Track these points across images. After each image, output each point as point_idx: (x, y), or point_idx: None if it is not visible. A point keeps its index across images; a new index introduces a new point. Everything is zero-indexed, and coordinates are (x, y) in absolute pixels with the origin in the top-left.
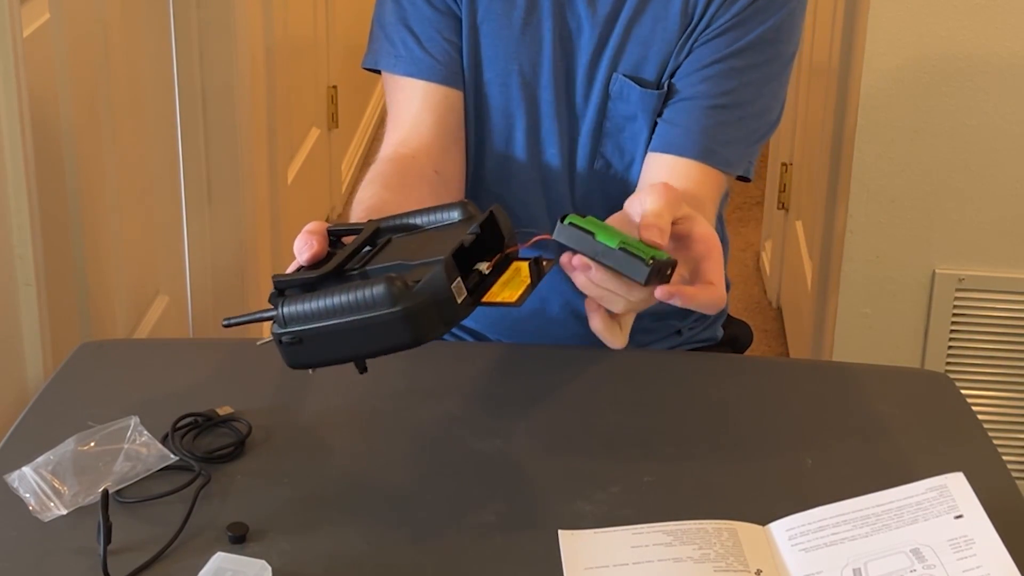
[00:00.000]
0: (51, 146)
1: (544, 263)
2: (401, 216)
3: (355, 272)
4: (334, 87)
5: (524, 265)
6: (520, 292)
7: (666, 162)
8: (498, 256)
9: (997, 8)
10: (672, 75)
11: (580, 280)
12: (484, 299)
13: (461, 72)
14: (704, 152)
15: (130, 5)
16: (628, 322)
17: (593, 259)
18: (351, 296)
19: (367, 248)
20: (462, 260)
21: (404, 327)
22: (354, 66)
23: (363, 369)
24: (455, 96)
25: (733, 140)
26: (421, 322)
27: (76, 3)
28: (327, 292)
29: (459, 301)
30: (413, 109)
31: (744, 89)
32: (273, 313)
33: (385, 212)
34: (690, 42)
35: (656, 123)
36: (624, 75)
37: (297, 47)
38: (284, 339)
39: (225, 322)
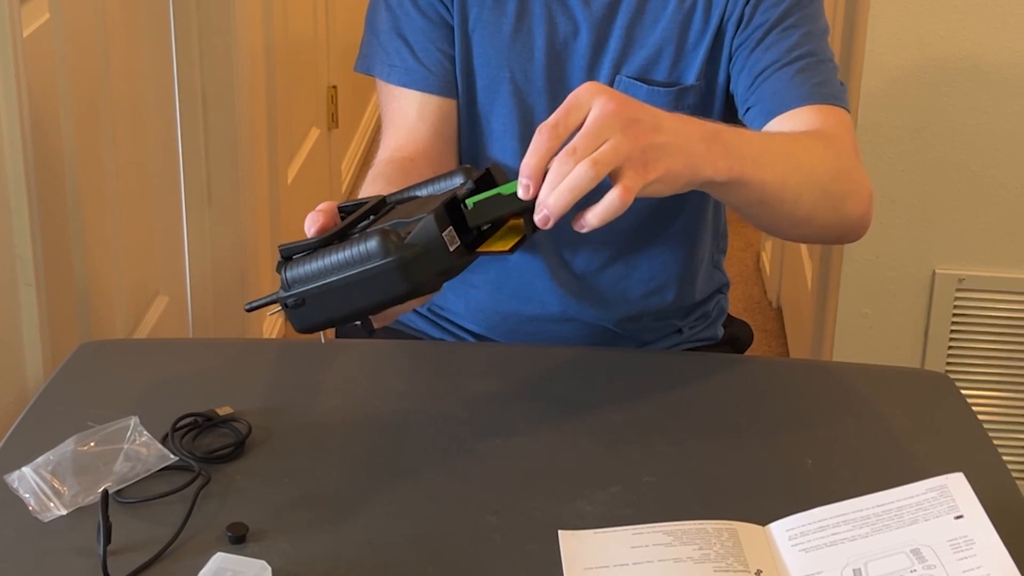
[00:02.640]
0: (51, 146)
1: None
2: (407, 189)
3: (356, 235)
4: (334, 87)
5: (521, 221)
6: (514, 242)
7: (776, 124)
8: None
9: (997, 8)
10: (701, 73)
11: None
12: (479, 249)
13: (455, 81)
14: (809, 95)
15: (130, 5)
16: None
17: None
18: (347, 252)
19: (371, 217)
20: (458, 215)
21: (399, 277)
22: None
23: (370, 331)
24: (449, 105)
25: (823, 80)
26: (415, 271)
27: (76, 3)
28: (325, 252)
29: (451, 249)
30: (408, 118)
31: (807, 40)
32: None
33: None
34: (706, 37)
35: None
36: (628, 76)
37: (297, 47)
38: (288, 302)
39: (248, 306)
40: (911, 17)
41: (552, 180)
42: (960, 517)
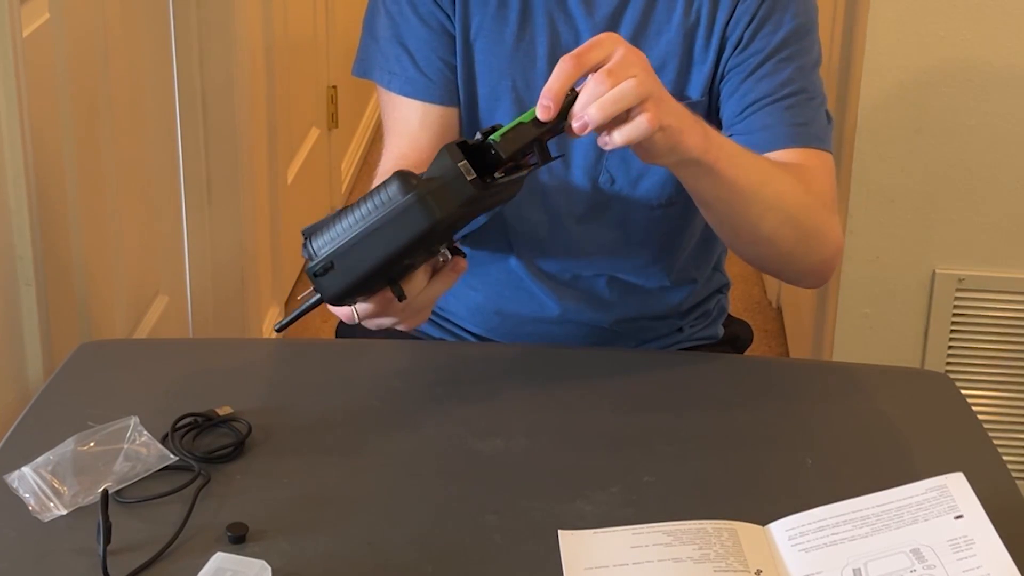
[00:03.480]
0: (51, 146)
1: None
2: None
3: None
4: (334, 87)
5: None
6: (528, 169)
7: None
8: (509, 163)
9: (997, 8)
10: (706, 89)
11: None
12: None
13: (456, 89)
14: (793, 137)
15: (130, 5)
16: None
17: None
18: (368, 203)
19: None
20: (470, 157)
21: (422, 211)
22: None
23: (401, 296)
24: (451, 113)
25: (810, 120)
26: (436, 203)
27: (76, 3)
28: (347, 211)
29: (468, 179)
30: (410, 127)
31: (799, 76)
32: (315, 297)
33: None
34: (710, 53)
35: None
36: None
37: (297, 47)
38: (317, 271)
39: (278, 326)
40: (911, 17)
41: (588, 97)
42: (960, 517)
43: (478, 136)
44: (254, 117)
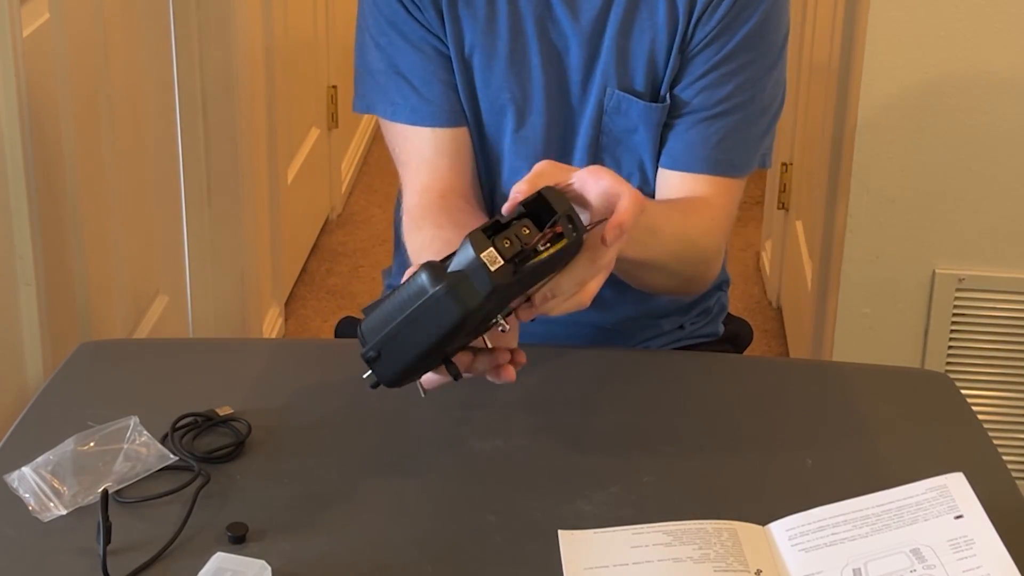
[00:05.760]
0: (51, 146)
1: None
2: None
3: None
4: (334, 87)
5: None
6: (557, 247)
7: (677, 179)
8: (548, 231)
9: (997, 8)
10: (672, 85)
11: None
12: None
13: (461, 109)
14: (712, 164)
15: (130, 5)
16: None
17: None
18: (402, 293)
19: None
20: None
21: (451, 303)
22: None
23: (456, 375)
24: (462, 134)
25: (739, 144)
26: (462, 294)
27: (76, 3)
28: (387, 297)
29: (493, 269)
30: (425, 156)
31: (740, 91)
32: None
33: (450, 249)
34: (677, 53)
35: (661, 134)
36: (619, 89)
37: (297, 47)
38: (369, 356)
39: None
40: (911, 18)
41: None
42: (960, 517)
43: (519, 209)
44: (254, 117)
